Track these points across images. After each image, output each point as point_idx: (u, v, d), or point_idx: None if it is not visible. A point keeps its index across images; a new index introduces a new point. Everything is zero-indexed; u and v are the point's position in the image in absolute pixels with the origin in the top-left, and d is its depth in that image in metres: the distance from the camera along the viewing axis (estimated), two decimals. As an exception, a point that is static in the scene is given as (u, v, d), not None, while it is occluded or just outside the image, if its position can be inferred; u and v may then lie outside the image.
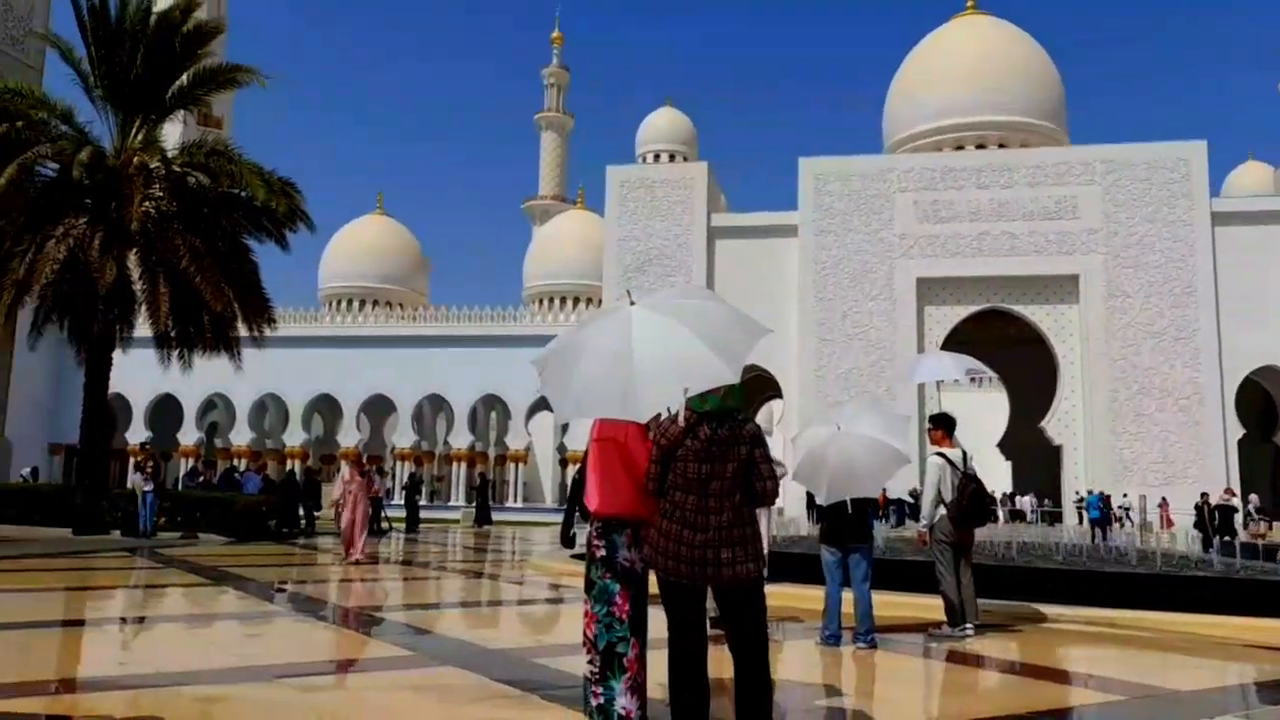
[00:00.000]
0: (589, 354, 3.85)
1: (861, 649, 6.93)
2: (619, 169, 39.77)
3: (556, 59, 77.12)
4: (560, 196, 72.47)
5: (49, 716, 4.78)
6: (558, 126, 75.84)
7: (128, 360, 21.69)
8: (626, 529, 4.31)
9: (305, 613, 9.30)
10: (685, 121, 54.82)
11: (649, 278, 37.51)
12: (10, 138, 18.28)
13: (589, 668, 4.25)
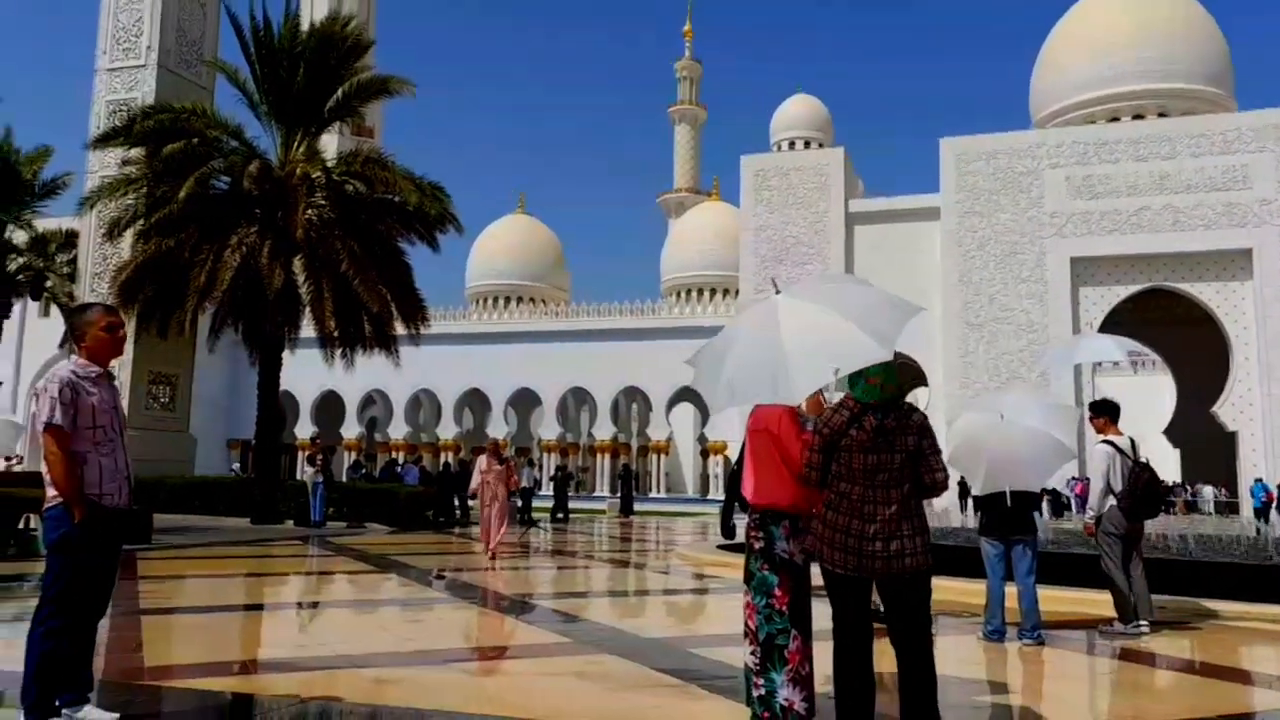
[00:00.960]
0: (739, 343, 3.92)
1: (1028, 645, 6.65)
2: (753, 158, 39.42)
3: (688, 52, 77.16)
4: (695, 189, 72.54)
5: (235, 695, 5.13)
6: (691, 119, 75.88)
7: (295, 360, 23.19)
8: (784, 520, 4.29)
9: (465, 599, 9.72)
10: (819, 107, 53.77)
11: (786, 267, 37.02)
12: (187, 154, 19.82)
13: (750, 658, 4.27)
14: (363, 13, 50.18)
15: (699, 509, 36.11)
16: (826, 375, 3.62)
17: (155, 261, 19.97)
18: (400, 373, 27.44)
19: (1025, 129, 42.22)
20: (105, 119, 23.27)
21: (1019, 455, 6.30)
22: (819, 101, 54.09)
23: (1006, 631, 6.81)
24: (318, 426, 43.60)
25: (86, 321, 4.38)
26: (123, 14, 24.42)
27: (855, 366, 3.75)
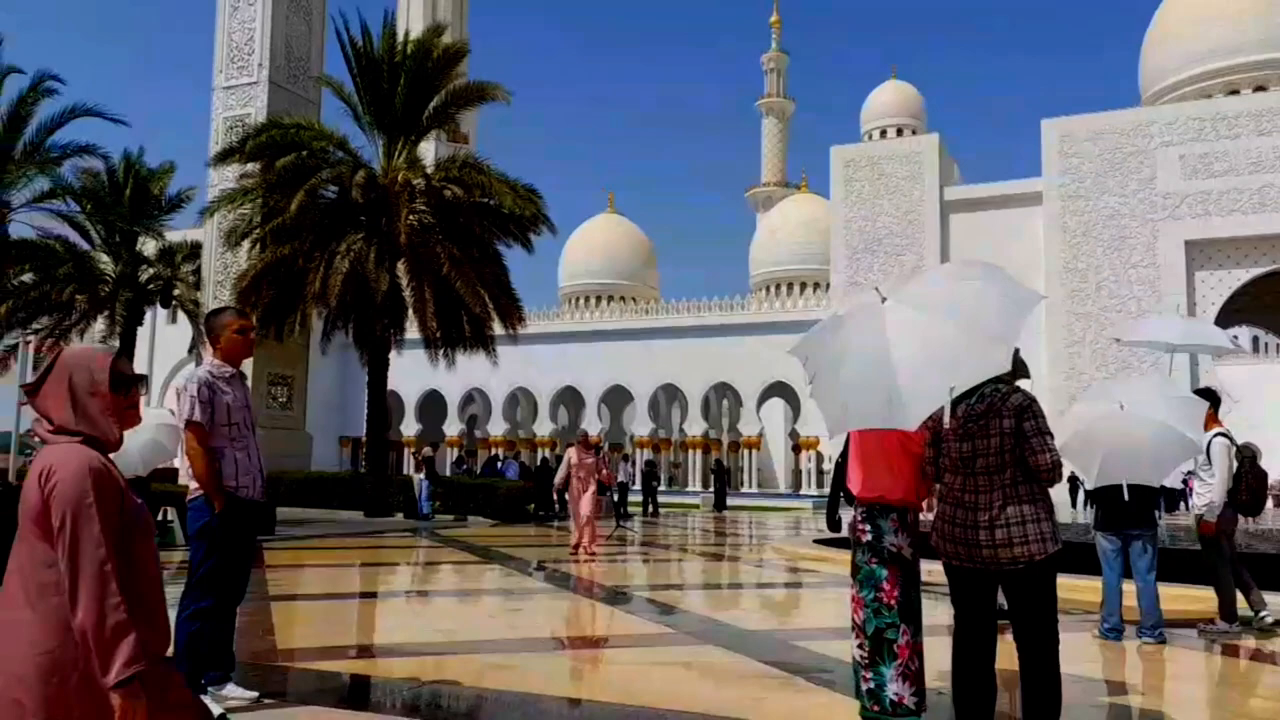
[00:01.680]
0: (849, 359, 3.67)
1: (1148, 643, 6.44)
2: (843, 148, 38.80)
3: (775, 44, 76.37)
4: (783, 182, 71.80)
5: (359, 677, 5.41)
6: (778, 111, 75.11)
7: (401, 360, 23.98)
8: (893, 513, 4.26)
9: (566, 589, 9.96)
10: (912, 94, 52.53)
11: (878, 258, 36.36)
12: (298, 166, 20.77)
13: (858, 652, 4.26)
14: (456, 21, 51.43)
15: (791, 504, 35.80)
16: (941, 396, 3.43)
17: (271, 268, 21.01)
18: (498, 371, 28.14)
19: (1133, 107, 40.34)
20: (223, 135, 24.60)
21: (1138, 448, 6.07)
22: (912, 87, 52.85)
23: (1124, 630, 6.62)
24: (421, 424, 45.00)
25: (221, 325, 4.69)
26: (236, 34, 25.75)
27: (972, 382, 3.55)
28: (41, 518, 2.15)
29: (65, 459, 2.20)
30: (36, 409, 2.31)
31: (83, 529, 2.13)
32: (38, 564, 2.15)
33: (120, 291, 25.09)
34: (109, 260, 25.57)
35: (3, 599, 2.15)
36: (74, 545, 2.12)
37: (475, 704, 4.78)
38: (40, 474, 2.18)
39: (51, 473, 2.17)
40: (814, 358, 3.95)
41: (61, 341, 26.89)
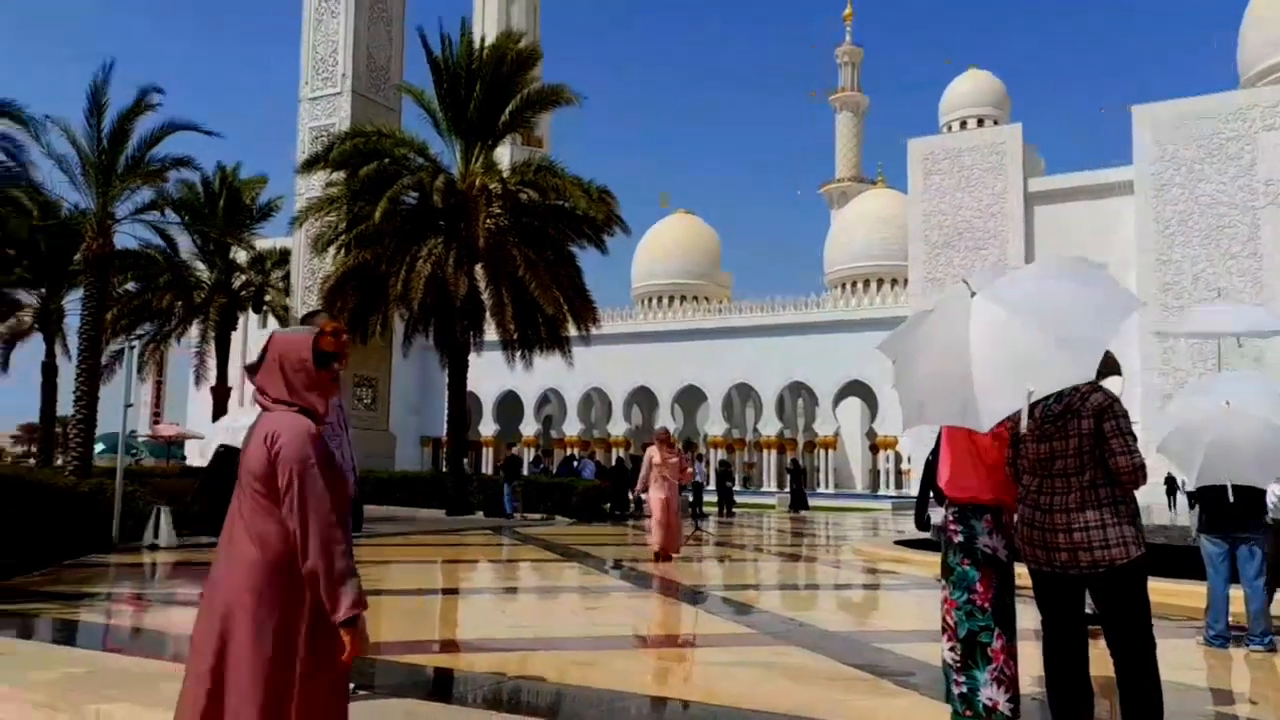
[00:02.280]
0: (928, 352, 3.62)
1: (1257, 651, 6.15)
2: (921, 141, 38.03)
3: (849, 37, 75.33)
4: (858, 177, 70.74)
5: (447, 670, 5.52)
6: (853, 106, 74.04)
7: (479, 361, 24.40)
8: (986, 514, 4.15)
9: (646, 588, 10.00)
10: (994, 83, 51.09)
11: (958, 253, 35.52)
12: (380, 174, 21.33)
13: (950, 655, 4.18)
14: (529, 25, 52.10)
15: (869, 505, 35.23)
16: (1018, 399, 3.31)
17: (355, 273, 21.63)
18: (573, 372, 28.42)
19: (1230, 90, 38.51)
20: (309, 144, 25.47)
21: (1243, 447, 5.78)
22: (993, 76, 51.39)
23: (1232, 637, 6.33)
24: (499, 425, 45.75)
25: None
26: (320, 46, 26.62)
27: (1053, 388, 3.45)
28: (267, 476, 2.44)
29: (288, 425, 2.52)
30: (255, 385, 2.63)
31: (308, 486, 2.42)
32: (259, 514, 2.46)
33: (215, 298, 26.20)
34: (204, 268, 26.71)
35: (232, 537, 2.49)
36: (302, 501, 2.40)
37: (562, 700, 4.84)
38: (265, 437, 2.48)
39: (276, 436, 2.46)
40: (899, 350, 3.90)
41: (162, 346, 28.23)
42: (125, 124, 18.06)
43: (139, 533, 12.40)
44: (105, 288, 19.71)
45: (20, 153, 16.62)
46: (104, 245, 18.62)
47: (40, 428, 28.76)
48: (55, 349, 26.57)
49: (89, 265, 18.98)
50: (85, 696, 4.30)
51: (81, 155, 18.01)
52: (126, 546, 12.07)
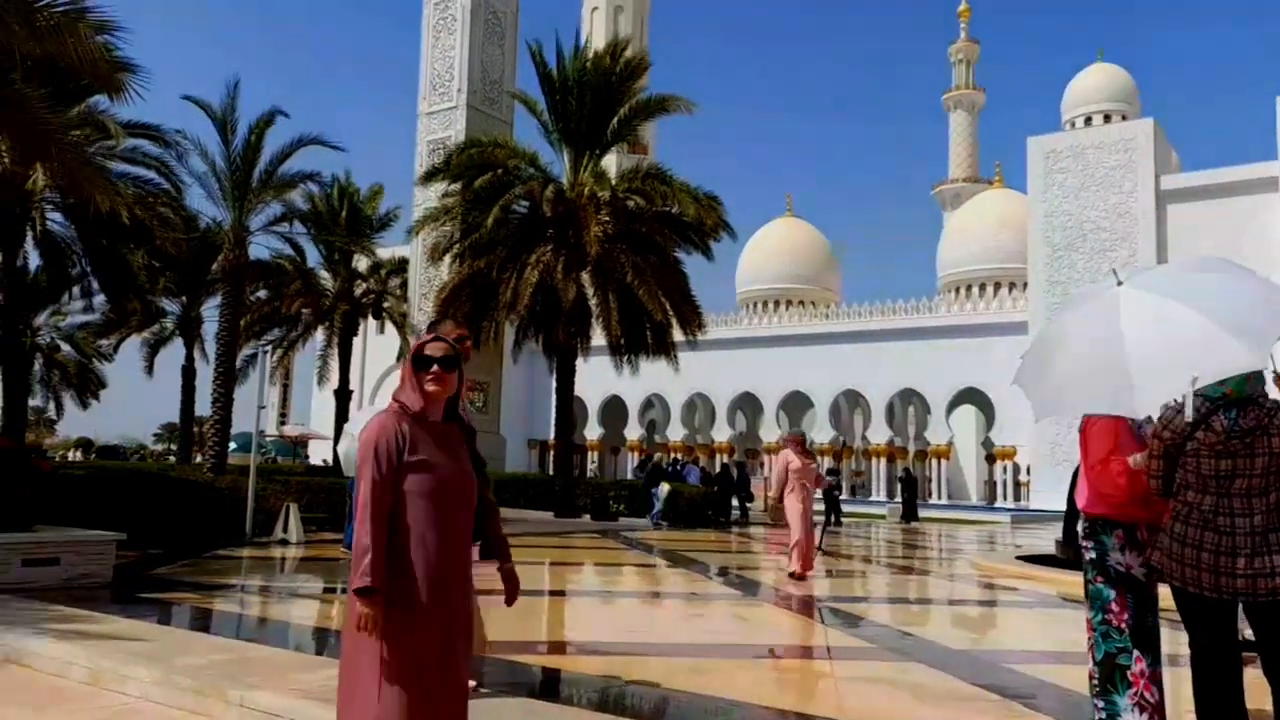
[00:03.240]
0: (1070, 343, 3.50)
1: None
2: (1042, 139, 36.53)
3: (964, 33, 73.06)
4: (973, 177, 68.49)
5: (556, 671, 5.59)
6: (967, 104, 71.77)
7: (584, 366, 24.69)
8: (1117, 529, 3.96)
9: (755, 597, 9.90)
10: (1122, 76, 48.66)
11: (1082, 255, 33.95)
12: (493, 184, 21.90)
13: (1090, 678, 4.02)
14: (636, 33, 52.58)
15: (984, 518, 33.96)
16: (1182, 385, 3.16)
17: (468, 281, 22.25)
18: (677, 377, 28.44)
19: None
20: (426, 157, 26.39)
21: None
22: (1121, 70, 48.95)
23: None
24: (603, 429, 46.20)
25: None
26: (438, 63, 27.58)
27: (1219, 375, 3.24)
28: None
29: (372, 421, 2.93)
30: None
31: (362, 472, 2.81)
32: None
33: (338, 305, 27.39)
34: (329, 276, 27.97)
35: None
36: (359, 483, 2.81)
37: (678, 706, 4.83)
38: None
39: (364, 430, 2.91)
40: (1030, 350, 3.76)
41: (290, 351, 29.71)
42: (257, 142, 19.12)
43: (269, 528, 13.06)
44: (240, 296, 20.90)
45: (170, 172, 17.82)
46: (240, 256, 19.75)
47: (180, 427, 30.66)
48: (194, 353, 28.30)
49: (226, 275, 20.16)
50: (229, 683, 4.52)
51: (218, 173, 19.17)
52: (258, 541, 12.73)
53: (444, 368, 2.90)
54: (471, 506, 2.94)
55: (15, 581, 7.46)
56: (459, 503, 2.85)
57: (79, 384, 33.30)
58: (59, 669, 5.04)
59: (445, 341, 2.97)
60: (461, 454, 2.94)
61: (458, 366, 2.96)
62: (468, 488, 2.91)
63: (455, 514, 2.83)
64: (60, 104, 10.61)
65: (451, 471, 2.84)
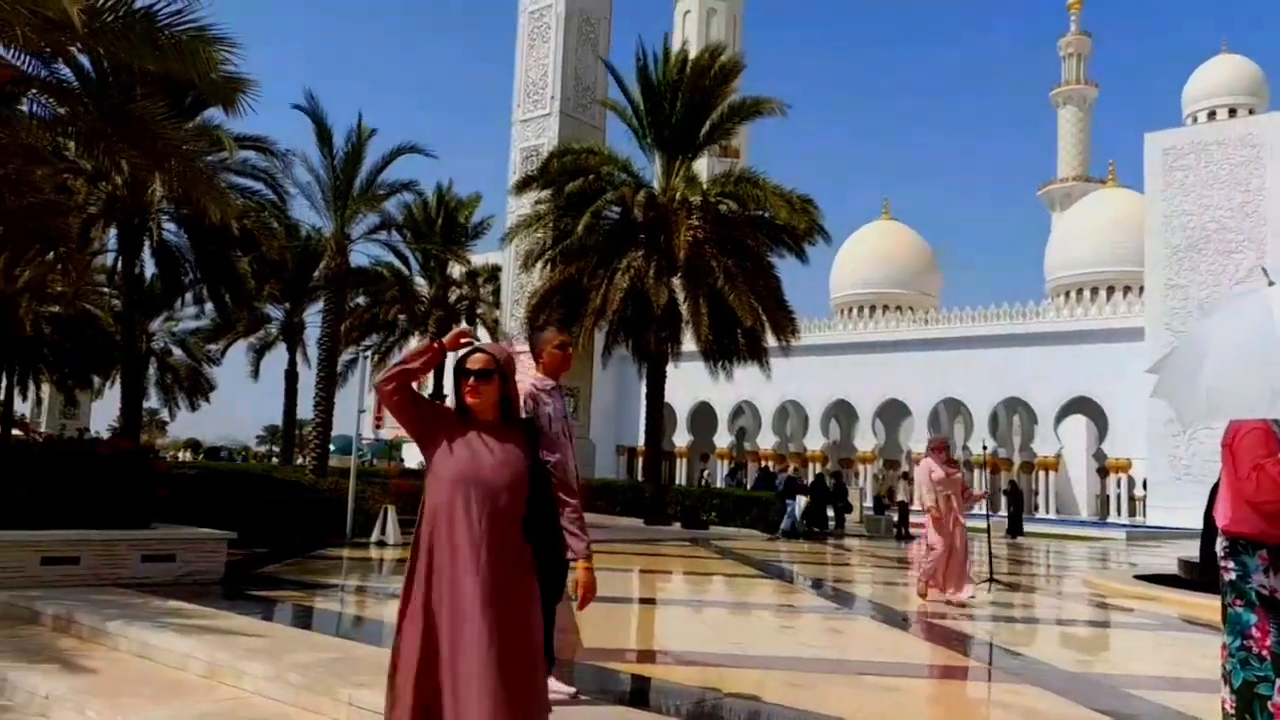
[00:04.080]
0: (1219, 347, 3.31)
1: None
2: (1161, 135, 34.74)
3: (1075, 25, 70.30)
4: (1084, 176, 65.76)
5: (652, 680, 5.50)
6: (1078, 100, 68.97)
7: (673, 372, 24.54)
8: (1261, 550, 3.63)
9: (851, 610, 9.60)
10: (1249, 67, 45.93)
11: (1205, 256, 32.11)
12: (585, 191, 22.02)
13: (1226, 705, 3.69)
14: (730, 36, 52.37)
15: (1095, 534, 32.38)
16: None
17: (559, 287, 22.41)
18: (768, 384, 28.03)
19: None
20: (520, 164, 26.80)
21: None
22: (1248, 61, 46.18)
23: None
24: (692, 435, 46.01)
25: (544, 340, 4.98)
26: (531, 71, 28.01)
27: None
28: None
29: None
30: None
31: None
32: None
33: (433, 310, 28.05)
34: (424, 283, 28.68)
35: None
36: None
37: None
38: None
39: None
40: (1170, 356, 3.58)
41: (387, 356, 30.58)
42: (358, 152, 19.74)
43: (368, 529, 13.36)
44: (342, 302, 21.58)
45: (275, 183, 18.55)
46: (341, 263, 20.40)
47: (282, 429, 31.89)
48: (296, 358, 29.40)
49: (328, 281, 20.86)
50: (337, 681, 4.58)
51: (320, 183, 19.86)
52: (358, 541, 13.05)
53: (479, 379, 3.09)
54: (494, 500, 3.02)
55: (134, 576, 7.78)
56: (478, 495, 3.00)
57: (189, 387, 35.07)
58: (179, 662, 5.21)
59: (486, 354, 3.13)
60: (498, 452, 3.07)
61: (494, 378, 3.12)
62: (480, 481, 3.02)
63: (470, 502, 2.99)
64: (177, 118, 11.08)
65: (465, 464, 3.02)
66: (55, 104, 9.79)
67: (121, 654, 5.54)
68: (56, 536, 7.56)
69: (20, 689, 4.80)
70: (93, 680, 4.93)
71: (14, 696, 4.80)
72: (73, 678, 4.94)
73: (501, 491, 3.03)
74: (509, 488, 3.05)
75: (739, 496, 22.66)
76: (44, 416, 47.63)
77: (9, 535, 7.31)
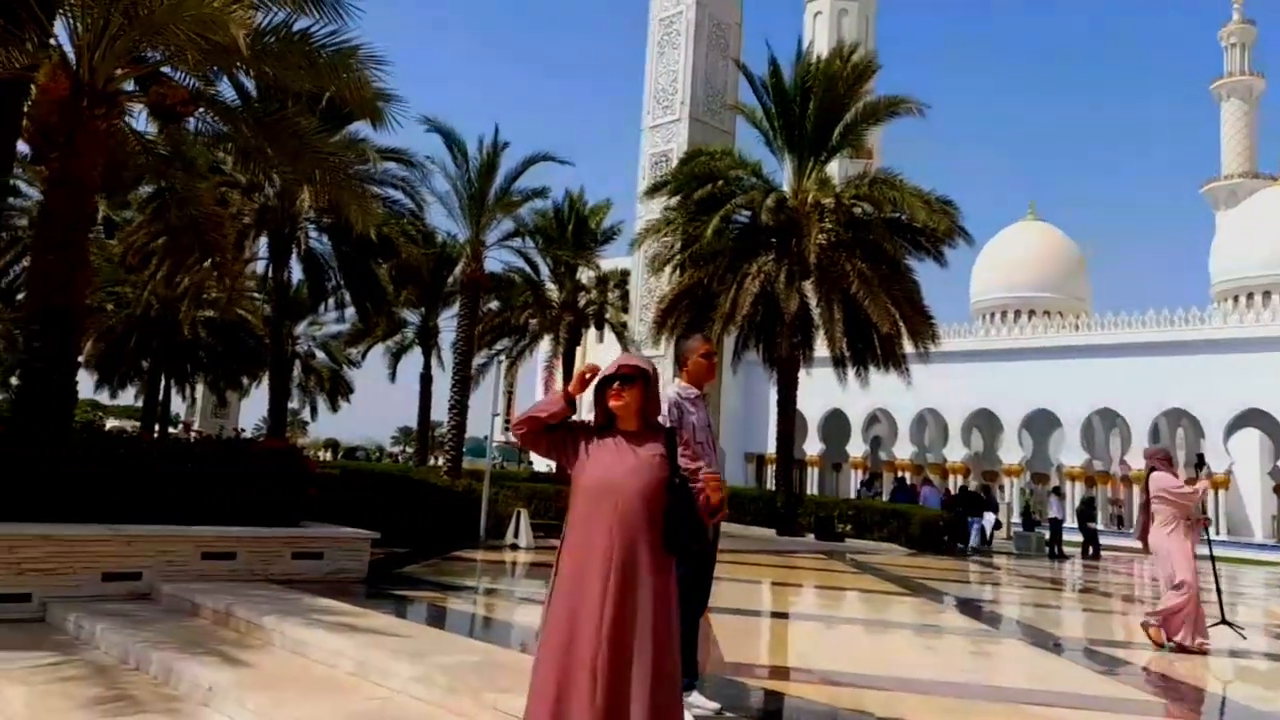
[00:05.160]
0: None
1: None
2: (1344, 123, 31.62)
3: (1238, 13, 65.25)
4: (1251, 173, 60.82)
5: (774, 695, 5.26)
6: (1243, 91, 63.94)
7: (804, 379, 23.93)
8: None
9: (1001, 631, 8.99)
10: None
11: (1401, 256, 28.91)
12: (714, 195, 21.79)
13: None
14: (863, 35, 51.10)
15: (1270, 557, 29.68)
16: None
17: (687, 292, 22.26)
18: (905, 392, 26.99)
19: None
20: (649, 170, 26.82)
21: None
22: None
23: None
24: (824, 444, 44.92)
25: (689, 349, 4.90)
26: (661, 77, 28.04)
27: None
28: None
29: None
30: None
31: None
32: None
33: (564, 315, 28.40)
34: (555, 288, 29.10)
35: None
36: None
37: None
38: None
39: None
40: None
41: (517, 361, 31.20)
42: (492, 161, 20.20)
43: (500, 532, 13.52)
44: (476, 307, 22.10)
45: (413, 192, 19.19)
46: (476, 269, 20.90)
47: (416, 431, 32.94)
48: (431, 361, 30.35)
49: (463, 287, 21.40)
50: (481, 684, 4.55)
51: (457, 192, 20.41)
52: (492, 544, 13.21)
53: (624, 385, 3.17)
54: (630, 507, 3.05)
55: (284, 573, 8.04)
56: (611, 501, 3.06)
57: (330, 388, 36.80)
58: (329, 659, 5.31)
59: (630, 362, 3.22)
60: (636, 458, 3.12)
61: (637, 383, 3.19)
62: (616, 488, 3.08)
63: (603, 509, 3.05)
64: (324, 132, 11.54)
65: (603, 473, 3.11)
66: (219, 121, 10.34)
67: (276, 649, 5.68)
68: (215, 532, 7.89)
69: (185, 679, 4.98)
70: (250, 674, 5.06)
71: (179, 686, 4.97)
72: (231, 670, 5.08)
73: (636, 498, 3.07)
74: (644, 494, 3.08)
75: (877, 509, 21.85)
76: (197, 416, 51.08)
77: (173, 530, 7.68)
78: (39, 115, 8.70)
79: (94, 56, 8.69)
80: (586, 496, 3.12)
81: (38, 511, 7.26)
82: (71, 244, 8.84)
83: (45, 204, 9.19)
